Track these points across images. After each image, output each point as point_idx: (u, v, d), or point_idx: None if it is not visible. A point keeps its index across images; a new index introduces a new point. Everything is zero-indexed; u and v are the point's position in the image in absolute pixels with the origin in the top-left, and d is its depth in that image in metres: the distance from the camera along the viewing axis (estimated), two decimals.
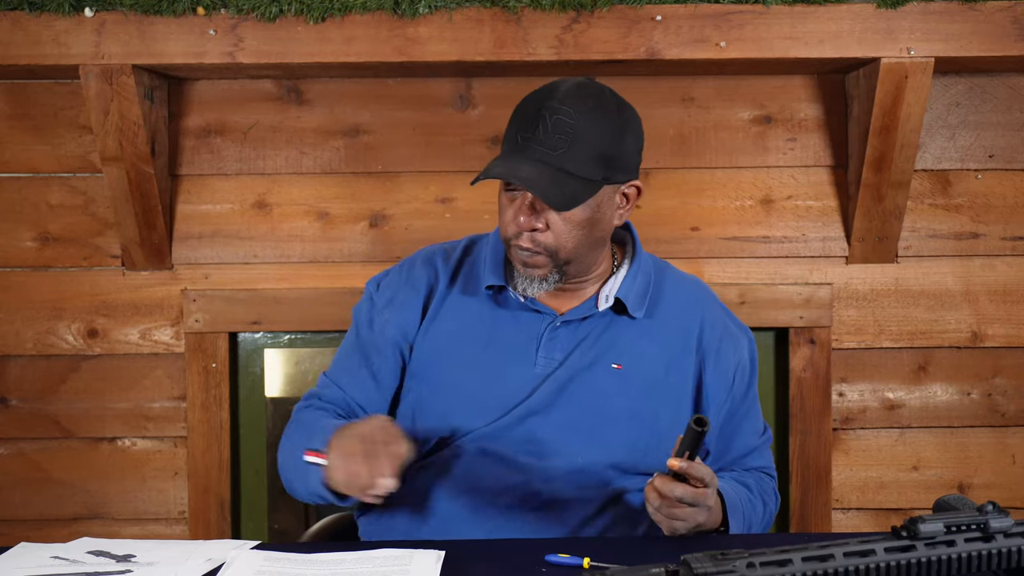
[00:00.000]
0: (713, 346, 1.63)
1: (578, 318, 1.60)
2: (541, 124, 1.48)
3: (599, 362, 1.58)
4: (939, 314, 2.41)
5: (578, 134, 1.47)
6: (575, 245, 1.53)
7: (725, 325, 1.67)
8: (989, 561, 1.07)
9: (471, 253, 1.68)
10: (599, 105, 1.50)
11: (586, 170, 1.48)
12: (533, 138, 1.48)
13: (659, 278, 1.67)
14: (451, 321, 1.62)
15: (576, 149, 1.47)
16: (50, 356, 2.40)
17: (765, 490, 1.66)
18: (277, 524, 2.45)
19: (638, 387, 1.58)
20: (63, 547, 1.39)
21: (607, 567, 1.15)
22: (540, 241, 1.51)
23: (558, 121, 1.47)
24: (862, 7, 2.12)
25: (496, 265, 1.62)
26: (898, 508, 2.43)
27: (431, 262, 1.68)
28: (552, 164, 1.47)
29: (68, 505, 2.42)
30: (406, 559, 1.30)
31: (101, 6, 2.10)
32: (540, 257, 1.53)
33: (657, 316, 1.63)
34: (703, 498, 1.38)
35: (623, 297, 1.60)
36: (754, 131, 2.39)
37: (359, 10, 2.11)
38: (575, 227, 1.51)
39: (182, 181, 2.39)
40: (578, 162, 1.47)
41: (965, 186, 2.42)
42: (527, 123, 1.49)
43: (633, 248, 1.67)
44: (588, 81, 1.54)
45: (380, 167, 2.38)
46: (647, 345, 1.61)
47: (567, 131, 1.47)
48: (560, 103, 1.48)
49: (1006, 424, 2.43)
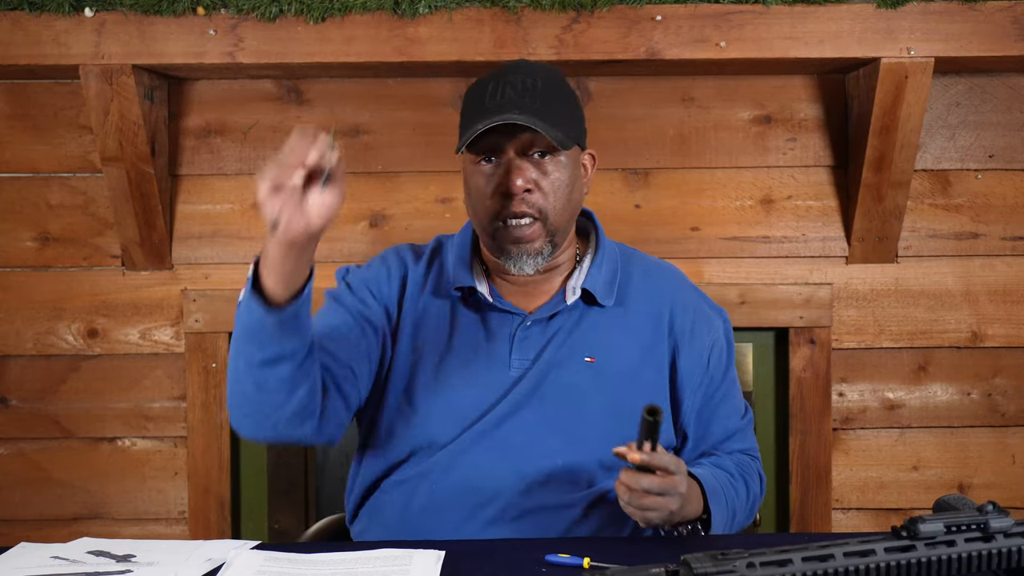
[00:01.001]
0: (686, 328, 1.61)
1: (548, 315, 1.57)
2: (508, 88, 1.49)
3: (571, 357, 1.56)
4: (939, 314, 2.41)
5: (545, 92, 1.50)
6: (563, 206, 1.53)
7: (697, 307, 1.64)
8: (989, 561, 1.07)
9: (439, 254, 1.66)
10: (551, 72, 1.55)
11: (561, 122, 1.50)
12: (505, 100, 1.48)
13: (626, 265, 1.64)
14: (423, 326, 1.59)
15: (549, 105, 1.49)
16: (50, 356, 2.40)
17: (747, 471, 1.62)
18: (277, 524, 2.45)
19: (613, 379, 1.56)
20: (63, 547, 1.39)
21: (607, 567, 1.15)
22: (532, 202, 1.50)
23: (523, 82, 1.50)
24: (862, 7, 2.12)
25: (464, 266, 1.60)
26: (898, 508, 2.43)
27: (402, 260, 1.65)
28: (531, 111, 1.47)
29: (68, 505, 2.42)
30: (406, 559, 1.30)
31: (101, 6, 2.10)
32: (535, 226, 1.51)
33: (627, 304, 1.60)
34: (671, 486, 1.35)
35: (590, 287, 1.58)
36: (754, 131, 2.39)
37: (359, 10, 2.11)
38: (562, 186, 1.52)
39: (182, 181, 2.39)
40: (555, 116, 1.49)
41: (965, 186, 2.42)
42: (492, 94, 1.50)
43: (596, 237, 1.65)
44: (532, 60, 1.59)
45: (380, 167, 2.38)
46: (619, 335, 1.58)
47: (534, 90, 1.49)
48: (515, 74, 1.51)
49: (1006, 424, 2.43)
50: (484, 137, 1.50)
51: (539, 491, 1.52)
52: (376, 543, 1.41)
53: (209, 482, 2.38)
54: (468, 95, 1.57)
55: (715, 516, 1.46)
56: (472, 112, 1.53)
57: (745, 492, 1.58)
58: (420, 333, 1.59)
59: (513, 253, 1.53)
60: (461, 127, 1.56)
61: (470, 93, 1.56)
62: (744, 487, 1.59)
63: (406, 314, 1.60)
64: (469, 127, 1.51)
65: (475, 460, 1.52)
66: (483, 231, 1.56)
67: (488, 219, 1.53)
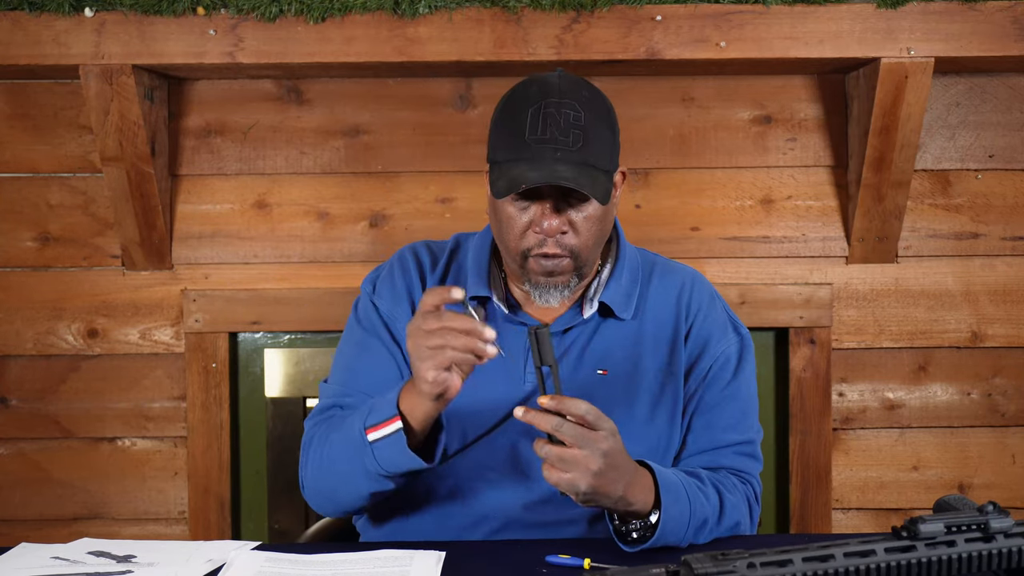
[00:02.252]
0: (700, 339, 1.58)
1: (563, 328, 1.55)
2: (551, 122, 1.42)
3: (584, 369, 1.54)
4: (939, 314, 2.41)
5: (588, 127, 1.44)
6: (595, 242, 1.50)
7: (716, 318, 1.60)
8: (989, 561, 1.07)
9: (456, 258, 1.63)
10: (593, 96, 1.48)
11: (604, 161, 1.46)
12: (548, 139, 1.42)
13: (647, 274, 1.62)
14: None
15: (591, 142, 1.43)
16: (50, 356, 2.40)
17: (727, 486, 1.50)
18: (277, 524, 2.45)
19: (625, 391, 1.53)
20: (63, 547, 1.39)
21: (607, 568, 1.15)
22: (566, 244, 1.46)
23: (567, 116, 1.43)
24: (862, 7, 2.12)
25: (479, 275, 1.58)
26: (898, 508, 2.43)
27: (419, 268, 1.62)
28: (576, 161, 1.42)
29: (68, 505, 2.42)
30: (406, 560, 1.30)
31: (101, 6, 2.10)
32: (566, 262, 1.47)
33: (645, 315, 1.58)
34: (588, 438, 1.27)
35: (608, 301, 1.55)
36: (754, 131, 2.39)
37: (359, 10, 2.11)
38: (595, 223, 1.47)
39: (182, 181, 2.39)
40: (596, 155, 1.44)
41: (965, 186, 2.42)
42: (532, 126, 1.43)
43: (617, 243, 1.62)
44: (568, 74, 1.50)
45: (380, 167, 2.38)
46: (634, 347, 1.56)
47: (579, 125, 1.43)
48: (561, 99, 1.44)
49: (1006, 424, 2.43)
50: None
51: (544, 506, 1.51)
52: (376, 543, 1.41)
53: (209, 482, 2.38)
54: (505, 112, 1.49)
55: (668, 509, 1.35)
56: (509, 142, 1.46)
57: (718, 503, 1.45)
58: None
59: (540, 284, 1.50)
60: (495, 152, 1.49)
61: (507, 111, 1.48)
62: (717, 498, 1.46)
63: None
64: (507, 162, 1.45)
65: (482, 473, 1.52)
66: (511, 258, 1.52)
67: (518, 251, 1.49)
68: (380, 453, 1.38)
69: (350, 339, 1.63)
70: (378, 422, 1.38)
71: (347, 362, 1.61)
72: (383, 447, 1.38)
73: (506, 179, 1.43)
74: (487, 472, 1.52)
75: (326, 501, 1.53)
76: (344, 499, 1.50)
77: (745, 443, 1.57)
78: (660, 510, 1.36)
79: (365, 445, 1.39)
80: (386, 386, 1.51)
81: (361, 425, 1.40)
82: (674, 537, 1.38)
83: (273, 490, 2.43)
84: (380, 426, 1.38)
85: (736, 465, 1.55)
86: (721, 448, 1.56)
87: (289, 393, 2.41)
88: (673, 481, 1.40)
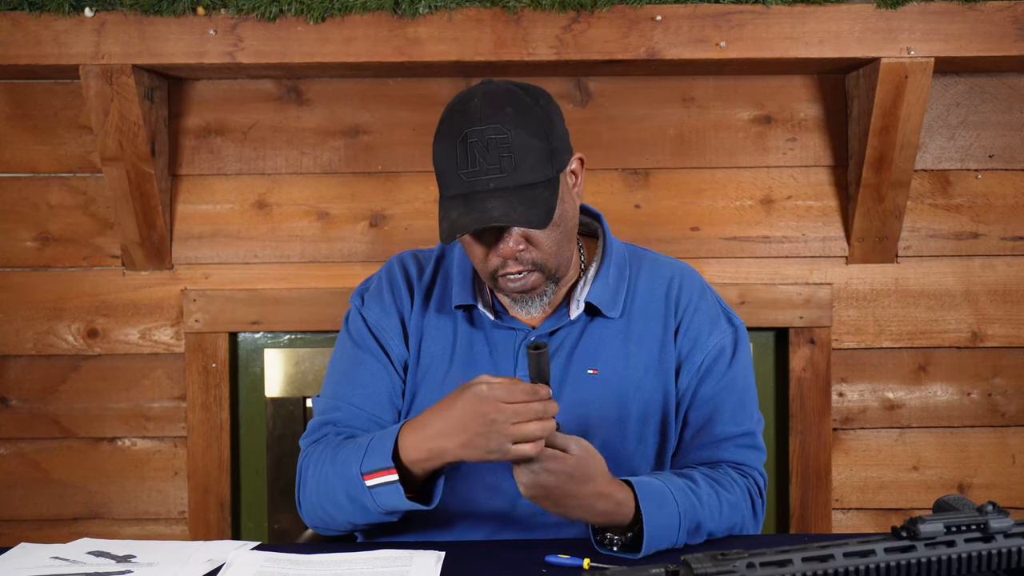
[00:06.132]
0: (691, 332, 1.57)
1: (549, 330, 1.56)
2: (477, 152, 1.41)
3: (574, 371, 1.54)
4: (939, 314, 2.41)
5: (515, 145, 1.41)
6: (558, 247, 1.49)
7: (707, 311, 1.59)
8: (989, 561, 1.07)
9: (442, 266, 1.64)
10: (518, 107, 1.44)
11: (541, 173, 1.43)
12: (478, 170, 1.41)
13: (635, 270, 1.61)
14: (428, 342, 1.58)
15: (522, 160, 1.41)
16: (50, 356, 2.40)
17: (724, 482, 1.48)
18: (277, 524, 2.45)
19: (617, 390, 1.53)
20: (63, 547, 1.40)
21: (607, 568, 1.15)
22: (527, 259, 1.47)
23: (491, 141, 1.41)
24: (862, 7, 2.12)
25: (464, 283, 1.58)
26: (898, 508, 2.43)
27: (407, 279, 1.63)
28: (509, 185, 1.41)
29: (68, 505, 2.42)
30: (406, 560, 1.30)
31: (101, 6, 2.10)
32: (533, 276, 1.48)
33: (633, 312, 1.58)
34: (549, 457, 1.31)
35: (595, 301, 1.55)
36: (754, 131, 2.39)
37: (359, 10, 2.11)
38: (552, 230, 1.47)
39: (182, 181, 2.39)
40: (531, 170, 1.42)
41: (965, 186, 2.42)
42: (461, 159, 1.42)
43: (603, 240, 1.61)
44: (490, 86, 1.47)
45: (380, 167, 2.38)
46: (623, 345, 1.56)
47: (505, 146, 1.41)
48: (483, 125, 1.41)
49: (1006, 424, 2.43)
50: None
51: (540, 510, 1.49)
52: (376, 544, 1.41)
53: (209, 482, 2.38)
54: (436, 144, 1.47)
55: (653, 517, 1.35)
56: (443, 178, 1.46)
57: (716, 503, 1.44)
58: (425, 349, 1.59)
59: (518, 299, 1.52)
60: (438, 184, 1.48)
61: (437, 143, 1.47)
62: (714, 498, 1.44)
63: (411, 334, 1.60)
64: (445, 199, 1.45)
65: (482, 473, 1.52)
66: (484, 280, 1.54)
67: (487, 275, 1.51)
68: (379, 498, 1.40)
69: (341, 353, 1.63)
70: (374, 470, 1.39)
71: (339, 376, 1.61)
72: (381, 493, 1.39)
73: (447, 222, 1.43)
74: (487, 473, 1.52)
75: (325, 526, 1.52)
76: (345, 525, 1.50)
77: (744, 435, 1.56)
78: (642, 521, 1.35)
79: (364, 490, 1.40)
80: (377, 400, 1.55)
81: (358, 469, 1.40)
82: (666, 542, 1.37)
83: (273, 490, 2.44)
84: (377, 475, 1.39)
85: (736, 458, 1.54)
86: (720, 442, 1.55)
87: (289, 393, 2.41)
88: (656, 487, 1.39)
